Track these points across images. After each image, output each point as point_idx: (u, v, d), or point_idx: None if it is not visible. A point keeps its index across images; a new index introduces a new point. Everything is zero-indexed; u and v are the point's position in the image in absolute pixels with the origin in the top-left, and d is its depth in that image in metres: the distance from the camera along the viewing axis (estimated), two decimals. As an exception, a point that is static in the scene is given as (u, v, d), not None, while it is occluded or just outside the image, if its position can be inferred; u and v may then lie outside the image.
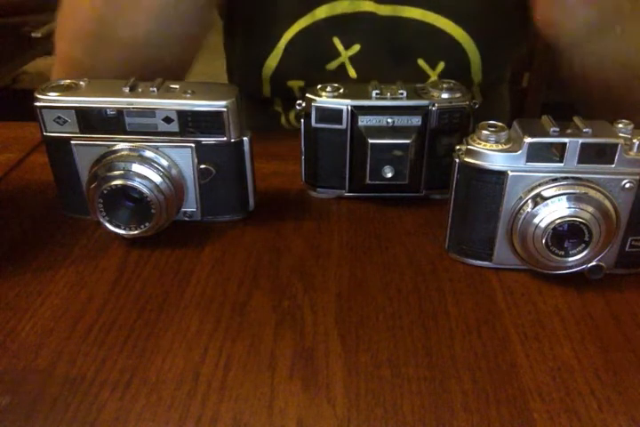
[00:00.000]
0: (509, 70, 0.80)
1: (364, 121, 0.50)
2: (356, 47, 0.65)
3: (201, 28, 0.60)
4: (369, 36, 0.65)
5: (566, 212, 0.41)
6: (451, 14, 0.63)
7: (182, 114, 0.46)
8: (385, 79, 0.52)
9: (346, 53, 0.65)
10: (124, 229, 0.47)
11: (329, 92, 0.51)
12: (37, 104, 0.47)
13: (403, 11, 0.63)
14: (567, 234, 0.42)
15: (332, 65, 0.66)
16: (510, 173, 0.42)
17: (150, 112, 0.46)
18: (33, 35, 1.72)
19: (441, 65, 0.66)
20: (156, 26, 0.55)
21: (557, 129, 0.41)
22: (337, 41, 0.65)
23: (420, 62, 0.65)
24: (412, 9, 0.63)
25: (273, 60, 0.67)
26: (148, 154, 0.47)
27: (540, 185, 0.42)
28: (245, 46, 0.72)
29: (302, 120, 0.52)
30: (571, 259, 0.43)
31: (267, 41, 0.67)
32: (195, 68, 0.63)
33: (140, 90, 0.47)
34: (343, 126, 0.51)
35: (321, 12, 0.64)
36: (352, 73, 0.66)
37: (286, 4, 0.65)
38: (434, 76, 0.66)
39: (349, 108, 0.50)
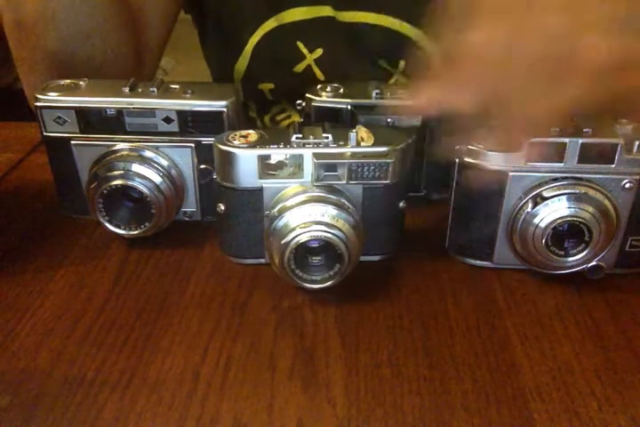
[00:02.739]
0: None
1: (363, 121, 0.50)
2: (319, 51, 0.66)
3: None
4: (330, 41, 0.66)
5: (566, 212, 0.41)
6: (405, 17, 0.64)
7: (182, 114, 0.46)
8: (351, 79, 0.53)
9: (310, 57, 0.66)
10: (124, 229, 0.47)
11: (329, 91, 0.51)
12: (37, 104, 0.46)
13: (359, 16, 0.64)
14: (567, 234, 0.42)
15: (299, 67, 0.67)
16: (510, 173, 0.42)
17: (150, 112, 0.46)
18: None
19: (402, 63, 0.67)
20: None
21: (557, 129, 0.41)
22: (301, 45, 0.66)
23: (381, 62, 0.66)
24: (368, 14, 0.64)
25: (242, 64, 0.69)
26: (148, 154, 0.47)
27: (540, 185, 0.42)
28: (218, 51, 0.73)
29: (302, 119, 0.52)
30: (571, 259, 0.43)
31: (235, 45, 0.68)
32: (195, 68, 0.63)
33: (139, 90, 0.47)
34: (343, 126, 0.51)
35: (282, 18, 0.66)
36: (319, 75, 0.67)
37: (250, 9, 0.66)
38: (397, 75, 0.67)
39: (349, 107, 0.50)
